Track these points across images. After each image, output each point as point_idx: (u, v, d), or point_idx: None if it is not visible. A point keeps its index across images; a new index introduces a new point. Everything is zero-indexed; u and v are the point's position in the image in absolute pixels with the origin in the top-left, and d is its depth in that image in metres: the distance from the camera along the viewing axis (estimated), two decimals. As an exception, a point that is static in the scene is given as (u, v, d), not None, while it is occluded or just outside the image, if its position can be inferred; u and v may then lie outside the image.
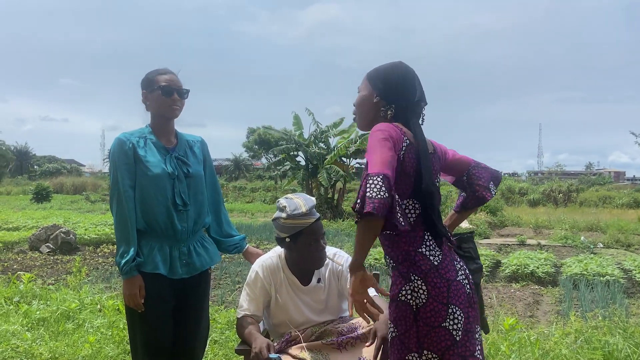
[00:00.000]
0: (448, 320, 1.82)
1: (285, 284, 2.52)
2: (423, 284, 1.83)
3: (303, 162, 20.98)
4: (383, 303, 2.34)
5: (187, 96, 2.52)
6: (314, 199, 2.52)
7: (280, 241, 2.49)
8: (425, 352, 1.82)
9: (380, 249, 11.18)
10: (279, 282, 2.52)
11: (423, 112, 2.07)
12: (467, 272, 1.97)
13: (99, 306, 5.15)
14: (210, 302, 2.82)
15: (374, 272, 2.86)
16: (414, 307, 1.83)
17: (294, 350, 2.32)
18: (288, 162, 21.42)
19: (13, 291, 5.61)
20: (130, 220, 2.35)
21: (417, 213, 1.91)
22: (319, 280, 2.53)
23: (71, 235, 10.83)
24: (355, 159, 20.80)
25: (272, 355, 2.21)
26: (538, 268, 8.59)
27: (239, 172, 58.24)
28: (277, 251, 2.60)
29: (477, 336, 1.93)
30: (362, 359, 2.24)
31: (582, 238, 14.12)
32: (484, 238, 15.04)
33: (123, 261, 2.31)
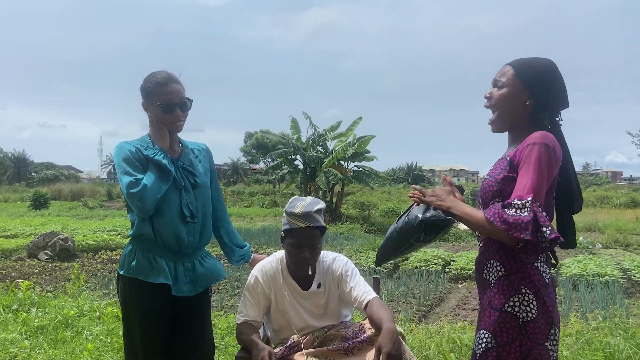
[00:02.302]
0: (550, 340, 1.75)
1: (285, 288, 2.50)
2: (534, 298, 1.74)
3: (301, 166, 21.00)
4: (385, 309, 2.32)
5: (191, 106, 2.40)
6: (320, 207, 2.45)
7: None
8: None
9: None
10: (279, 287, 2.51)
11: (560, 116, 1.91)
12: None
13: (97, 313, 5.12)
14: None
15: (374, 276, 2.84)
16: (520, 320, 1.74)
17: (298, 357, 2.30)
18: (286, 166, 21.43)
19: (11, 299, 5.59)
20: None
21: None
22: (319, 286, 2.51)
23: (69, 242, 10.80)
24: (353, 161, 20.81)
25: None
26: (537, 269, 8.57)
27: (237, 176, 58.21)
28: (277, 256, 2.59)
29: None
30: None
31: (580, 238, 14.14)
32: (483, 240, 15.01)
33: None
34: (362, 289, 2.45)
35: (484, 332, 1.80)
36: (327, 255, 2.57)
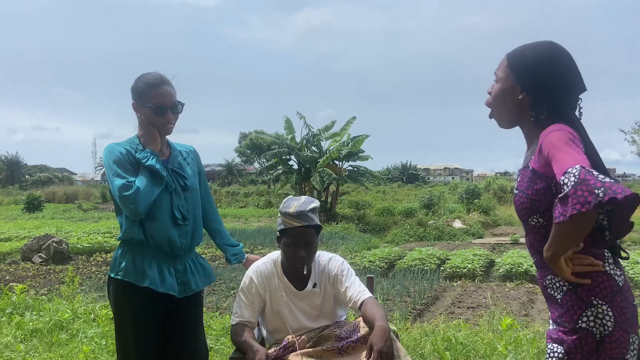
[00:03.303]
0: (630, 352, 1.54)
1: (280, 289, 2.51)
2: (609, 309, 1.52)
3: (296, 166, 21.00)
4: (379, 308, 2.33)
5: (182, 110, 2.40)
6: (314, 205, 2.45)
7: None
8: None
9: (375, 251, 11.18)
10: (274, 288, 2.51)
11: (580, 102, 1.67)
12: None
13: (92, 316, 5.12)
14: (204, 308, 2.74)
15: (368, 275, 2.85)
16: (598, 336, 1.52)
17: (292, 357, 2.31)
18: (281, 166, 21.43)
19: (5, 303, 5.56)
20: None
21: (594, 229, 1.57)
22: (314, 285, 2.51)
23: (64, 245, 10.76)
24: (348, 161, 20.84)
25: None
26: (532, 267, 8.62)
27: (232, 177, 58.16)
28: (272, 257, 2.59)
29: None
30: None
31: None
32: (477, 238, 15.08)
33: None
34: (357, 289, 2.45)
35: (557, 346, 1.58)
36: (322, 256, 2.58)
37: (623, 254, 1.62)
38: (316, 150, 20.77)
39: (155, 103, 2.30)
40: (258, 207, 28.41)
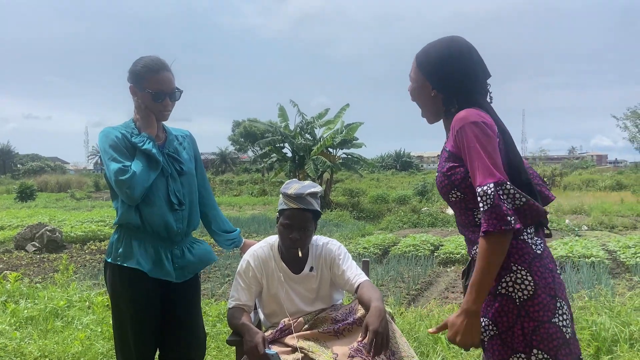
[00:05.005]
0: (557, 315, 1.61)
1: (277, 273, 2.51)
2: (528, 274, 1.60)
3: (289, 154, 20.97)
4: (375, 290, 2.34)
5: (180, 97, 2.38)
6: (314, 190, 2.45)
7: None
8: (535, 351, 1.58)
9: (369, 237, 11.22)
10: (271, 272, 2.52)
11: (489, 88, 1.78)
12: None
13: (87, 303, 5.11)
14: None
15: (363, 259, 2.87)
16: (517, 300, 1.59)
17: (289, 339, 2.32)
18: (274, 154, 21.39)
19: (0, 290, 5.55)
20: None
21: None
22: (311, 269, 2.52)
23: (57, 233, 10.73)
24: (342, 149, 20.82)
25: (269, 351, 2.19)
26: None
27: (226, 165, 58.02)
28: (269, 241, 2.60)
29: (577, 337, 1.70)
30: (359, 343, 2.23)
31: (566, 221, 14.33)
32: (471, 224, 15.15)
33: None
34: (353, 272, 2.47)
35: (484, 319, 1.65)
36: (319, 240, 2.59)
37: (546, 231, 1.74)
38: (310, 138, 20.73)
39: (154, 89, 2.27)
40: (252, 195, 28.38)
